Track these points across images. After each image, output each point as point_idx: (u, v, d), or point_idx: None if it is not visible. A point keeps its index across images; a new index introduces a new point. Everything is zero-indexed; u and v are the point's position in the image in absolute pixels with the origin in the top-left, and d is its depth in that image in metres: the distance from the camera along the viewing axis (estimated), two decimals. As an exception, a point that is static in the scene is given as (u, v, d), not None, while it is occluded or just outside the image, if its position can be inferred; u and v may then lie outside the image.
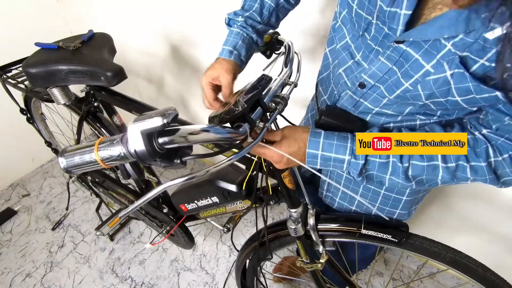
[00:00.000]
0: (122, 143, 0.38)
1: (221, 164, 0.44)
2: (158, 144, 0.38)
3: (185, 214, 0.99)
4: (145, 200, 0.44)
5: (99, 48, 0.91)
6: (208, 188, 0.78)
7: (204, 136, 0.41)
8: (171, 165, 0.42)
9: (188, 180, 0.41)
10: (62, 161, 0.40)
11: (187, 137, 0.40)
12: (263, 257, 0.87)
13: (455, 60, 0.41)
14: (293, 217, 0.72)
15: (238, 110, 0.44)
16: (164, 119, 0.36)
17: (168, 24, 1.38)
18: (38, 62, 0.84)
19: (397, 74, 0.49)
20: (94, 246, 1.59)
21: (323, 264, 0.79)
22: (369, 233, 0.69)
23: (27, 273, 1.49)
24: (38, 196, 1.89)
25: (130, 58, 1.69)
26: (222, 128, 0.42)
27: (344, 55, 0.58)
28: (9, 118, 1.60)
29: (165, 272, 1.46)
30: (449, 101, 0.46)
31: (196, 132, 0.40)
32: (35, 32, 1.60)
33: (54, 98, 0.95)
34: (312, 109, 0.84)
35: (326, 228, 0.73)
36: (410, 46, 0.45)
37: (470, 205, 1.15)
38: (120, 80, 0.81)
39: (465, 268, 0.65)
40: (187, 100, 1.70)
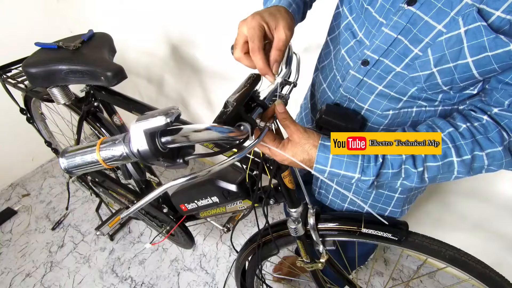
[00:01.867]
0: (124, 143, 0.38)
1: (223, 164, 0.43)
2: (161, 144, 0.38)
3: (185, 214, 0.99)
4: (147, 201, 0.43)
5: (99, 48, 0.91)
6: (208, 188, 0.78)
7: (206, 135, 0.41)
8: (174, 164, 0.41)
9: (190, 179, 0.41)
10: (63, 162, 0.39)
11: (190, 136, 0.39)
12: (268, 253, 0.87)
13: (472, 13, 0.40)
14: (293, 217, 0.72)
15: (229, 110, 0.44)
16: (167, 118, 0.36)
17: (168, 24, 1.38)
18: (38, 62, 0.84)
19: (404, 42, 0.48)
20: (94, 246, 1.59)
21: (324, 263, 0.80)
22: (369, 232, 0.69)
23: (27, 273, 1.49)
24: (38, 196, 1.89)
25: (130, 58, 1.69)
26: (224, 127, 0.42)
27: (346, 35, 0.57)
28: (9, 118, 1.60)
29: (165, 272, 1.46)
30: (458, 66, 0.45)
31: (198, 131, 0.40)
32: (35, 32, 1.60)
33: (54, 98, 0.95)
34: (305, 109, 0.83)
35: (326, 227, 0.74)
36: (421, 8, 0.45)
37: (468, 203, 1.15)
38: (120, 80, 0.81)
39: (464, 265, 0.65)
40: (187, 100, 1.70)
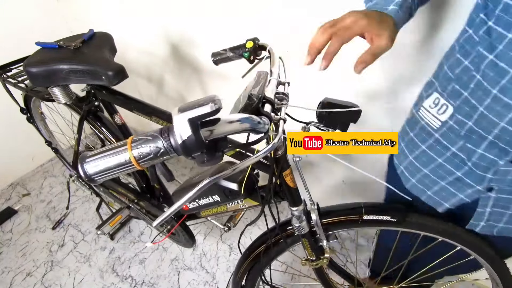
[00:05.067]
0: (162, 137, 0.36)
1: (253, 159, 0.42)
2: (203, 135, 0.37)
3: (186, 213, 0.99)
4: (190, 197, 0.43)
5: (99, 47, 0.91)
6: (210, 187, 0.78)
7: (239, 126, 0.40)
8: (213, 158, 0.40)
9: (231, 172, 0.42)
10: (86, 168, 0.35)
11: (226, 127, 0.39)
12: (275, 255, 0.87)
13: None
14: (296, 215, 0.73)
15: (254, 102, 0.44)
16: (215, 105, 0.35)
17: (168, 23, 1.38)
18: (39, 61, 0.85)
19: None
20: (95, 245, 1.59)
21: (329, 258, 0.80)
22: (370, 218, 0.72)
23: (27, 272, 1.49)
24: (38, 195, 1.89)
25: (131, 58, 1.69)
26: (254, 117, 0.42)
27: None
28: (9, 117, 1.60)
29: (165, 271, 1.47)
30: None
31: (232, 121, 0.40)
32: (35, 32, 1.60)
33: (55, 98, 0.95)
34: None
35: (330, 221, 0.75)
36: None
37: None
38: (121, 80, 0.81)
39: (455, 236, 0.72)
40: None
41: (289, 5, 0.99)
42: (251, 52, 0.74)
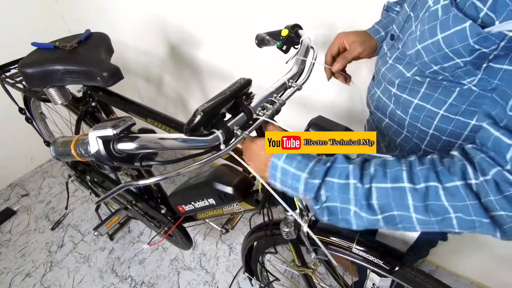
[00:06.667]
0: (90, 145, 0.43)
1: (188, 168, 0.47)
2: (117, 150, 0.43)
3: (182, 215, 0.99)
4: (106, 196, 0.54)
5: (96, 48, 0.90)
6: (204, 190, 0.78)
7: (168, 144, 0.44)
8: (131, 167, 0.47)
9: (163, 179, 0.47)
10: (51, 150, 0.48)
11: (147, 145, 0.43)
12: (274, 243, 0.85)
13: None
14: (287, 220, 0.71)
15: (195, 120, 0.44)
16: (114, 129, 0.42)
17: (167, 24, 1.37)
18: (34, 62, 0.84)
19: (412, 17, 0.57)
20: (94, 246, 1.59)
21: (315, 270, 0.78)
22: (359, 253, 0.66)
23: (26, 272, 1.49)
24: (37, 196, 1.89)
25: (129, 58, 1.68)
26: (185, 137, 0.45)
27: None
28: (8, 117, 1.60)
29: (165, 271, 1.46)
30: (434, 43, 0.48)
31: (154, 141, 0.44)
32: (34, 32, 1.60)
33: (51, 98, 0.94)
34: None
35: (321, 238, 0.70)
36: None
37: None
38: (116, 81, 0.80)
39: None
40: (187, 100, 1.69)
41: (289, 5, 0.98)
42: (285, 41, 0.70)
